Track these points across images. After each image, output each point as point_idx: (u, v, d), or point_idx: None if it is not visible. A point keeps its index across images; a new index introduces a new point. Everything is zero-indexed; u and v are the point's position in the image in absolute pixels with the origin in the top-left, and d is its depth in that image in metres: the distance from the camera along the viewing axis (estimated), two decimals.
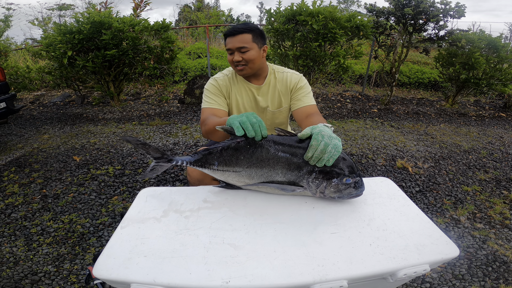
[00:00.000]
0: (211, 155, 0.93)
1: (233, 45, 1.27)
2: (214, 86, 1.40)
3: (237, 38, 1.26)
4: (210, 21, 10.90)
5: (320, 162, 0.81)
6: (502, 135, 3.80)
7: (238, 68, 1.32)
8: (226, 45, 1.31)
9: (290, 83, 1.40)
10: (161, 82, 5.04)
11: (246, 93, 1.43)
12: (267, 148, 0.88)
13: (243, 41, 1.26)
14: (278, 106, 1.45)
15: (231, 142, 0.92)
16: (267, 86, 1.42)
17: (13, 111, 3.02)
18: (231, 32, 1.27)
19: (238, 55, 1.27)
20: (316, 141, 0.80)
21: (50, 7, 9.21)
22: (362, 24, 4.10)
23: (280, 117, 1.48)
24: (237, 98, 1.43)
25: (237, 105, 1.44)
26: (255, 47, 1.28)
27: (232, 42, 1.27)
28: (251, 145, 0.89)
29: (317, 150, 0.80)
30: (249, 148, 0.89)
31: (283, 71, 1.44)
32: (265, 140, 0.89)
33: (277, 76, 1.42)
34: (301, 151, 0.86)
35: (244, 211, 0.87)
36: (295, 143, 0.87)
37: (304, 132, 0.85)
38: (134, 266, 0.68)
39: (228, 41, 1.29)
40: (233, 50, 1.28)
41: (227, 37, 1.29)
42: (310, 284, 0.64)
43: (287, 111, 1.47)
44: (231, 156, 0.91)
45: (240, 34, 1.25)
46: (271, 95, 1.43)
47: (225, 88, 1.41)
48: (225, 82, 1.41)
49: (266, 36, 1.69)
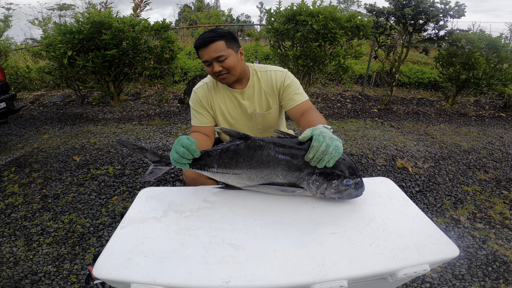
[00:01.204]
0: (210, 157, 0.92)
1: (209, 56, 1.19)
2: (195, 100, 1.36)
3: (210, 48, 1.18)
4: (210, 21, 10.91)
5: (320, 163, 0.81)
6: (502, 135, 3.80)
7: (220, 78, 1.25)
8: (200, 57, 1.23)
9: (276, 82, 1.33)
10: (161, 82, 5.04)
11: (230, 100, 1.36)
12: (267, 151, 0.88)
13: (218, 50, 1.18)
14: (267, 107, 1.38)
15: (230, 144, 0.91)
16: (251, 88, 1.35)
17: (13, 111, 3.02)
18: (202, 44, 1.19)
19: (217, 65, 1.20)
20: (317, 142, 0.80)
21: (50, 7, 9.22)
22: (362, 24, 4.10)
23: (270, 119, 1.41)
24: (221, 107, 1.37)
25: (222, 114, 1.38)
26: (231, 53, 1.21)
27: (207, 53, 1.19)
28: (250, 148, 0.89)
29: (318, 151, 0.80)
30: (249, 150, 0.89)
31: (265, 69, 1.36)
32: (265, 142, 0.89)
33: (261, 76, 1.35)
34: (301, 152, 0.85)
35: (244, 211, 0.87)
36: (295, 145, 0.87)
37: (304, 135, 0.84)
38: (134, 266, 0.68)
39: (202, 53, 1.21)
40: (210, 61, 1.21)
41: (199, 49, 1.21)
42: (310, 284, 0.64)
43: (277, 112, 1.41)
44: (231, 159, 0.90)
45: (212, 43, 1.18)
46: (257, 97, 1.36)
47: (205, 99, 1.35)
48: (205, 93, 1.35)
49: (266, 36, 1.67)
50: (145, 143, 3.06)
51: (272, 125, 1.44)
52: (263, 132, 1.45)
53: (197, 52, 1.24)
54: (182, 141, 0.88)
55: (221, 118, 1.39)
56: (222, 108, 1.37)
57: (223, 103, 1.37)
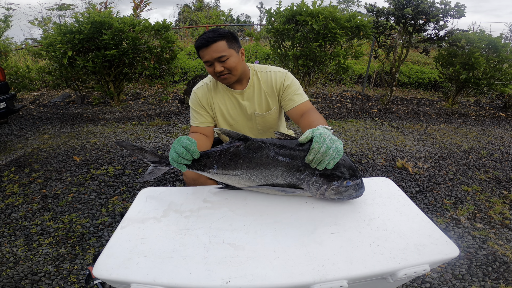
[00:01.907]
0: (209, 158, 0.92)
1: (211, 56, 1.18)
2: (194, 101, 1.35)
3: (212, 48, 1.17)
4: (210, 21, 10.91)
5: (320, 165, 0.81)
6: (502, 135, 3.80)
7: (221, 78, 1.25)
8: (202, 57, 1.22)
9: (275, 83, 1.33)
10: (161, 82, 5.04)
11: (230, 101, 1.36)
12: (267, 152, 0.88)
13: (219, 50, 1.18)
14: (267, 108, 1.37)
15: (229, 145, 0.91)
16: (251, 89, 1.35)
17: (13, 111, 3.02)
18: (203, 44, 1.18)
19: (218, 65, 1.20)
20: (317, 144, 0.80)
21: (50, 7, 9.22)
22: (362, 24, 4.10)
23: (270, 120, 1.41)
24: (221, 107, 1.36)
25: (222, 114, 1.38)
26: (233, 53, 1.21)
27: (209, 53, 1.18)
28: (250, 149, 0.89)
29: (318, 153, 0.80)
30: (249, 152, 0.89)
31: (266, 70, 1.36)
32: (265, 144, 0.89)
33: (261, 76, 1.35)
34: (301, 154, 0.85)
35: (244, 211, 0.87)
36: (295, 146, 0.87)
37: (305, 136, 0.84)
38: (134, 266, 0.68)
39: (204, 53, 1.20)
40: (212, 62, 1.20)
41: (200, 49, 1.20)
42: (310, 284, 0.64)
43: (276, 112, 1.40)
44: (230, 160, 0.90)
45: (214, 44, 1.17)
46: (257, 97, 1.35)
47: (205, 100, 1.35)
48: (205, 93, 1.35)
49: (266, 36, 1.66)
50: (145, 143, 3.06)
51: (271, 126, 1.44)
52: (263, 132, 1.45)
53: (198, 52, 1.23)
54: (182, 141, 0.88)
55: (221, 118, 1.39)
56: (222, 109, 1.37)
57: (223, 104, 1.37)
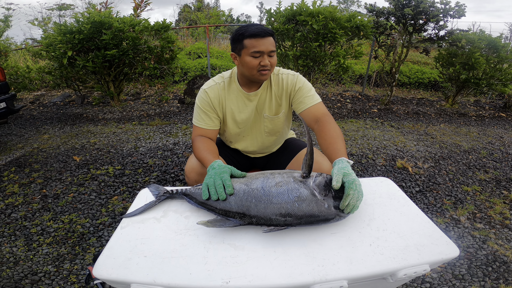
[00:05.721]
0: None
1: (266, 48, 1.15)
2: (205, 101, 1.29)
3: (268, 40, 1.15)
4: (210, 21, 10.91)
5: (354, 209, 0.83)
6: (502, 135, 3.80)
7: (263, 73, 1.19)
8: (255, 46, 1.15)
9: (287, 86, 1.31)
10: (161, 82, 5.04)
11: (242, 102, 1.33)
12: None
13: (273, 44, 1.17)
14: (276, 111, 1.36)
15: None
16: (264, 91, 1.33)
17: (13, 111, 3.02)
18: (261, 33, 1.14)
19: (267, 59, 1.17)
20: (352, 190, 0.81)
21: (50, 7, 9.21)
22: (362, 24, 4.10)
23: (278, 124, 1.39)
24: (232, 108, 1.34)
25: (232, 115, 1.35)
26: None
27: (265, 44, 1.14)
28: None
29: (353, 199, 0.81)
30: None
31: (277, 73, 1.33)
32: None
33: (273, 79, 1.33)
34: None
35: None
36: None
37: (337, 183, 0.84)
38: (134, 266, 0.68)
39: (259, 43, 1.14)
40: (264, 53, 1.15)
41: (256, 38, 1.14)
42: (310, 284, 0.64)
43: (284, 116, 1.39)
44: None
45: (270, 37, 1.16)
46: (268, 100, 1.34)
47: (217, 100, 1.31)
48: (217, 93, 1.30)
49: None
50: (145, 143, 3.06)
51: (278, 129, 1.42)
52: (270, 135, 1.43)
53: (246, 39, 1.16)
54: (223, 176, 0.90)
55: (230, 120, 1.36)
56: (233, 110, 1.34)
57: (234, 105, 1.34)
